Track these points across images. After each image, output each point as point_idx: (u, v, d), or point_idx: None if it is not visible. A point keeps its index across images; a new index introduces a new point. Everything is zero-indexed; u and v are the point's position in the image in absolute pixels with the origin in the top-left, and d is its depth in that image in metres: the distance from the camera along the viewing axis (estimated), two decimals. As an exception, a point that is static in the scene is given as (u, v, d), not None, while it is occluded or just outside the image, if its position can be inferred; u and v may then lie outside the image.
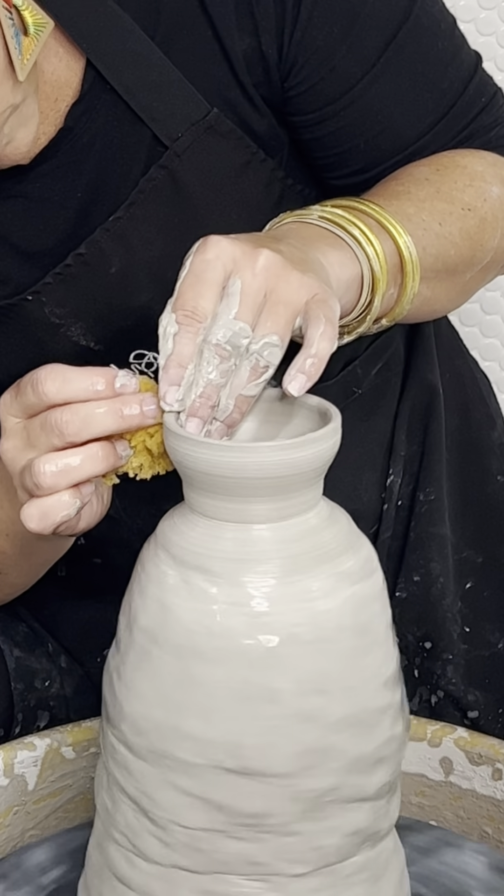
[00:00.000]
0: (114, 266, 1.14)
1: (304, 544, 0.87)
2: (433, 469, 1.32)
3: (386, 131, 1.15)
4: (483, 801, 1.09)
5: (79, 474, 0.92)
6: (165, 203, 1.13)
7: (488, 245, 1.14)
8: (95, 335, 1.16)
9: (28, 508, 0.93)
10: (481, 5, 1.65)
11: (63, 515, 0.92)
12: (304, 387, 0.88)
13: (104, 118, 1.12)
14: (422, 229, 1.07)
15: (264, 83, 1.13)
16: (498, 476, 1.36)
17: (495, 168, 1.16)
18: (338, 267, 0.98)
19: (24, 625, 1.31)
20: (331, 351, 0.89)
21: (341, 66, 1.12)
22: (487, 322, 1.78)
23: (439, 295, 1.13)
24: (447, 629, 1.29)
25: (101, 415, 0.91)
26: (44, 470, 0.91)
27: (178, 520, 0.90)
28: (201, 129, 1.12)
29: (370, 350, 1.29)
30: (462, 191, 1.12)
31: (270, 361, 0.89)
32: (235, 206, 1.14)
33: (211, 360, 0.89)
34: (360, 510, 0.97)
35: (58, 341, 1.16)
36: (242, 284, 0.89)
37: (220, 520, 0.87)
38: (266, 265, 0.90)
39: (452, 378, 1.37)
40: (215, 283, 0.89)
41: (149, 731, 0.88)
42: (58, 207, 1.14)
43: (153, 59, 1.10)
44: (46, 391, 0.91)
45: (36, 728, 1.27)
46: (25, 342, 1.17)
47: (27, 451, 0.94)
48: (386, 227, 1.05)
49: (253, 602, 0.85)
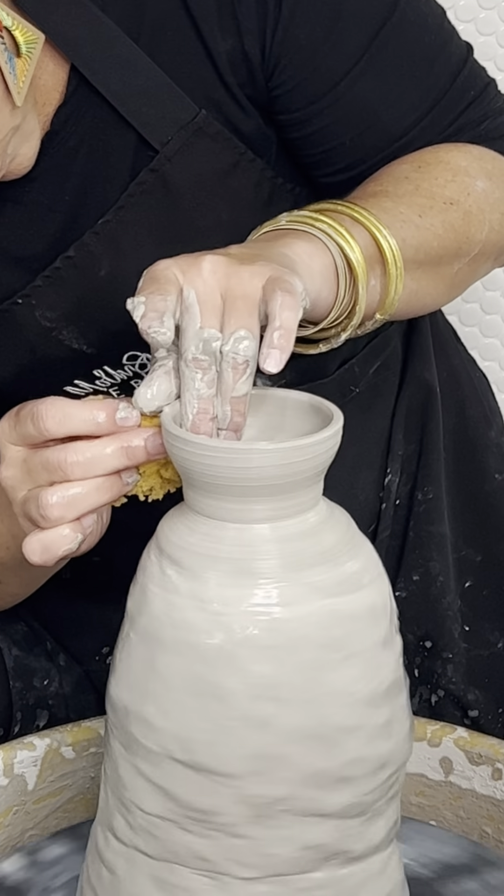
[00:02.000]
0: (103, 269, 1.14)
1: (304, 544, 0.87)
2: (431, 468, 1.32)
3: (371, 128, 1.15)
4: (483, 801, 1.09)
5: (85, 505, 0.92)
6: (155, 206, 1.13)
7: (475, 238, 1.13)
8: (87, 338, 1.16)
9: (31, 543, 0.93)
10: (481, 5, 1.65)
11: (65, 550, 0.93)
12: (279, 360, 0.87)
13: (90, 121, 1.12)
14: (400, 221, 1.07)
15: (249, 83, 1.13)
16: (496, 474, 1.36)
17: (481, 162, 1.16)
18: (306, 257, 0.97)
19: (23, 623, 1.31)
20: (295, 319, 0.88)
21: (325, 64, 1.12)
22: (487, 322, 1.78)
23: (427, 288, 1.12)
24: (447, 628, 1.29)
25: (107, 456, 0.91)
26: (51, 502, 0.91)
27: (177, 520, 0.90)
28: (190, 132, 1.12)
29: (367, 349, 1.29)
30: (443, 186, 1.12)
31: (247, 355, 0.88)
32: (225, 207, 1.14)
33: (193, 377, 0.89)
34: (357, 509, 0.96)
35: (50, 345, 1.16)
36: (197, 293, 0.89)
37: (220, 520, 0.87)
38: (213, 268, 0.90)
39: (449, 377, 1.37)
40: (171, 281, 0.90)
41: (121, 712, 0.89)
42: (46, 211, 1.14)
43: (140, 63, 1.10)
44: (48, 427, 0.91)
45: (35, 727, 1.27)
46: (17, 347, 1.17)
47: (28, 482, 0.94)
48: (360, 220, 1.04)
49: (212, 600, 0.85)
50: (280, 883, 0.88)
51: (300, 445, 0.85)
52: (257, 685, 0.85)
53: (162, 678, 0.86)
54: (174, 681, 0.86)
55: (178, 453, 0.87)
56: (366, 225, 1.04)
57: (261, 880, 0.88)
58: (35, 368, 1.18)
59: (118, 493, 0.93)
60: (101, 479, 0.91)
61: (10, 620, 1.29)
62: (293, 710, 0.85)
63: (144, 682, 0.87)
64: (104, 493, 0.92)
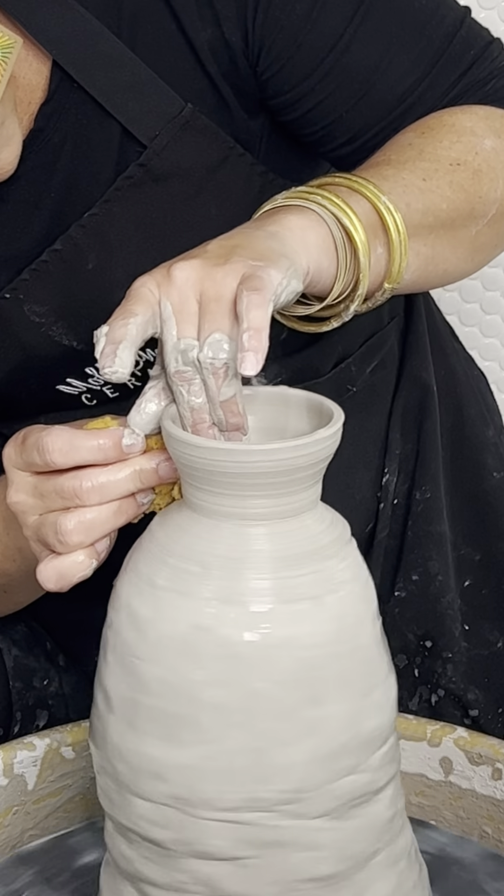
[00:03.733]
0: (91, 262, 1.14)
1: (302, 545, 0.87)
2: (429, 467, 1.31)
3: (367, 97, 1.14)
4: (483, 801, 1.09)
5: (103, 530, 0.92)
6: (143, 200, 1.13)
7: (489, 197, 1.12)
8: (77, 334, 1.16)
9: (46, 571, 0.93)
10: (481, 5, 1.65)
11: (80, 576, 0.93)
12: (255, 363, 0.86)
13: (74, 117, 1.12)
14: (402, 187, 1.05)
15: (232, 72, 1.12)
16: (494, 473, 1.36)
17: (488, 121, 1.14)
18: (299, 231, 0.97)
19: (23, 624, 1.31)
20: (264, 317, 0.87)
21: (309, 40, 1.12)
22: (487, 322, 1.78)
23: (444, 253, 1.10)
24: (447, 627, 1.29)
25: (121, 480, 0.91)
26: (69, 528, 0.91)
27: (175, 518, 0.90)
28: (178, 126, 1.11)
29: (364, 348, 1.29)
30: (448, 148, 1.10)
31: (224, 359, 0.88)
32: (215, 201, 1.14)
33: (180, 390, 0.89)
34: (354, 508, 0.96)
35: (40, 342, 1.16)
36: (172, 305, 0.89)
37: (218, 519, 0.87)
38: (185, 276, 0.89)
39: (447, 376, 1.37)
40: (143, 298, 0.90)
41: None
42: (32, 208, 1.14)
43: (124, 58, 1.10)
44: (54, 460, 0.91)
45: (35, 727, 1.27)
46: (8, 345, 1.17)
47: (39, 507, 0.94)
48: (357, 189, 1.03)
49: (247, 601, 0.85)
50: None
51: (300, 445, 0.85)
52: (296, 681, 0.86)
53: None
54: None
55: (178, 455, 0.87)
56: (364, 194, 1.03)
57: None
58: (27, 367, 1.18)
59: (133, 515, 0.93)
60: (118, 502, 0.92)
61: (9, 621, 1.29)
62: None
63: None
64: (121, 515, 0.92)
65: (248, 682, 0.85)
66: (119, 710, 0.89)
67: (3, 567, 1.11)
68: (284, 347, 1.19)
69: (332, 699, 0.87)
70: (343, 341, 1.27)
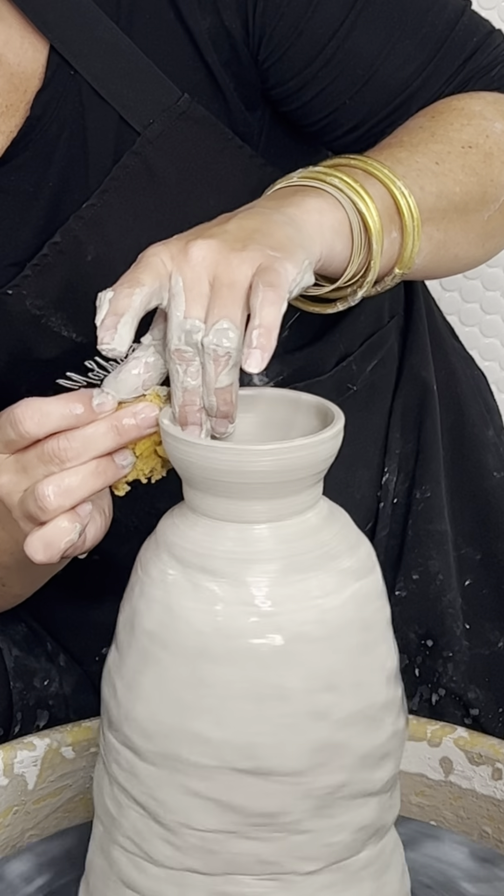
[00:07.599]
0: (90, 254, 1.14)
1: (305, 543, 0.87)
2: (429, 466, 1.31)
3: (370, 83, 1.14)
4: (483, 801, 1.09)
5: (81, 492, 0.91)
6: (140, 190, 1.13)
7: (500, 180, 1.11)
8: (77, 326, 1.16)
9: (32, 542, 0.92)
10: (481, 5, 1.65)
11: (67, 542, 0.92)
12: (261, 361, 0.86)
13: (71, 105, 1.12)
14: (416, 170, 1.05)
15: (233, 61, 1.12)
16: (494, 472, 1.36)
17: (496, 105, 1.15)
18: (316, 214, 0.97)
19: (23, 624, 1.31)
20: (277, 315, 0.86)
21: (310, 27, 1.12)
22: (487, 322, 1.78)
23: (456, 237, 1.10)
24: (448, 626, 1.29)
25: (100, 436, 0.91)
26: (47, 493, 0.91)
27: (178, 520, 0.90)
28: (174, 115, 1.11)
29: (364, 346, 1.29)
30: (459, 131, 1.11)
31: (228, 347, 0.87)
32: (213, 192, 1.14)
33: (177, 369, 0.89)
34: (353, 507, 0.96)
35: (41, 335, 1.16)
36: (184, 281, 0.88)
37: (220, 519, 0.87)
38: (202, 255, 0.89)
39: (447, 375, 1.37)
40: (154, 268, 0.89)
41: (157, 734, 0.87)
42: (31, 198, 1.14)
43: (122, 46, 1.10)
44: (28, 430, 0.91)
45: (35, 727, 1.27)
46: (9, 338, 1.17)
47: (23, 483, 0.93)
48: (372, 172, 1.03)
49: (259, 601, 0.85)
50: (337, 870, 0.90)
51: (300, 445, 0.85)
52: (315, 677, 0.86)
53: (214, 689, 0.86)
54: (230, 689, 0.85)
55: (178, 455, 0.87)
56: (379, 177, 1.03)
57: (321, 871, 0.89)
58: (27, 359, 1.18)
59: (114, 477, 0.92)
60: (95, 462, 0.91)
61: (10, 621, 1.29)
62: (347, 695, 0.87)
63: (190, 697, 0.86)
64: (99, 477, 0.91)
65: (263, 679, 0.85)
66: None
67: (1, 560, 1.11)
68: (286, 345, 1.19)
69: (344, 691, 0.87)
70: (344, 340, 1.27)
